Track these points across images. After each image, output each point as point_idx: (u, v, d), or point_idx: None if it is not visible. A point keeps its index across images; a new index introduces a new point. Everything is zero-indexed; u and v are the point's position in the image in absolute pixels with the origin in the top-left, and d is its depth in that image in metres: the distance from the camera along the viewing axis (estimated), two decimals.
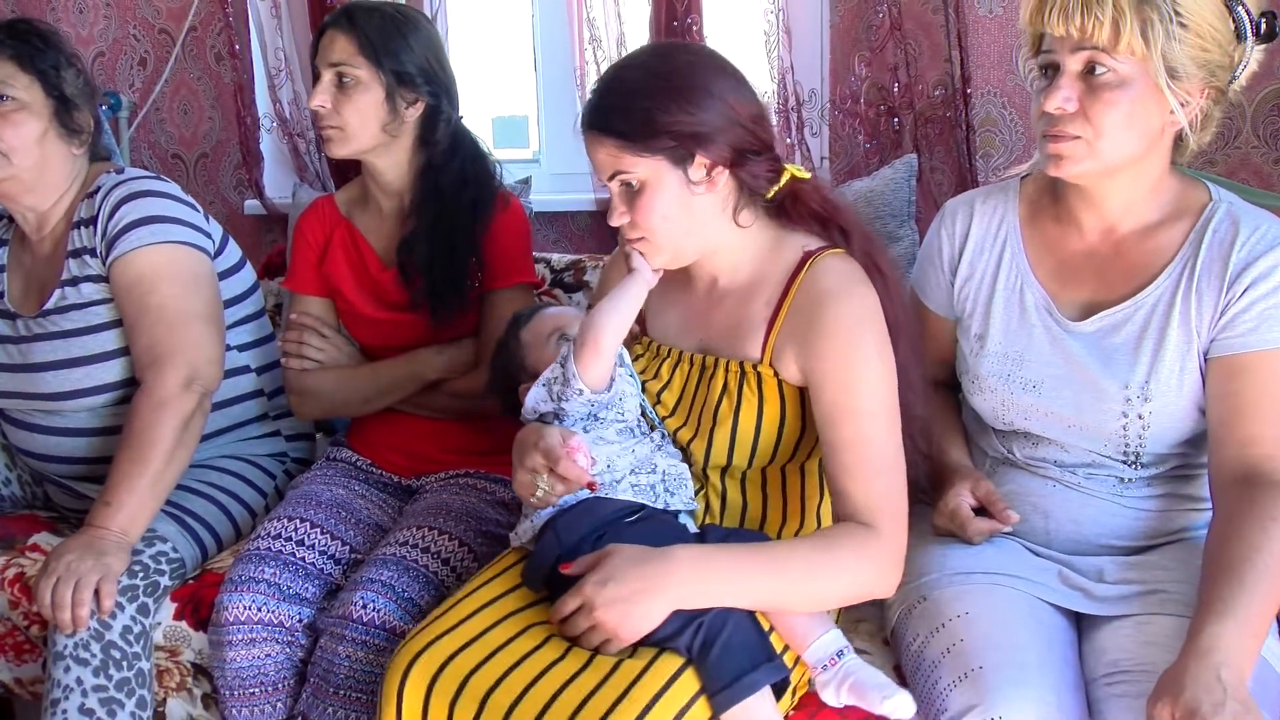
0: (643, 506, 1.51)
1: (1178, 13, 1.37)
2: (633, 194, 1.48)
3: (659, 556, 1.38)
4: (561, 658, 1.40)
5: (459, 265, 1.94)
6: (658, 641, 1.38)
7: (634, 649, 1.39)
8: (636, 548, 1.41)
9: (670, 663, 1.37)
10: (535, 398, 1.57)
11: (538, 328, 1.68)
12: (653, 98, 1.45)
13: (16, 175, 1.93)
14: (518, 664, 1.40)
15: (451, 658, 1.42)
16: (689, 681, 1.36)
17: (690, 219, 1.49)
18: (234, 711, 1.75)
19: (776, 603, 1.43)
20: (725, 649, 1.35)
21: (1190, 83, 1.42)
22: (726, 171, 1.49)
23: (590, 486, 1.48)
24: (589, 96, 1.53)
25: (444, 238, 1.94)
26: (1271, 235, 1.46)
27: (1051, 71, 1.46)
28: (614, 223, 1.52)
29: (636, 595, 1.36)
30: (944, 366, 1.74)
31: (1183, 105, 1.42)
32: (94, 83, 2.07)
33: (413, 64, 1.93)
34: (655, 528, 1.48)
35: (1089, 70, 1.42)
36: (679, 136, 1.45)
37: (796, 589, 1.41)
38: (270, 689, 1.75)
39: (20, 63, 1.91)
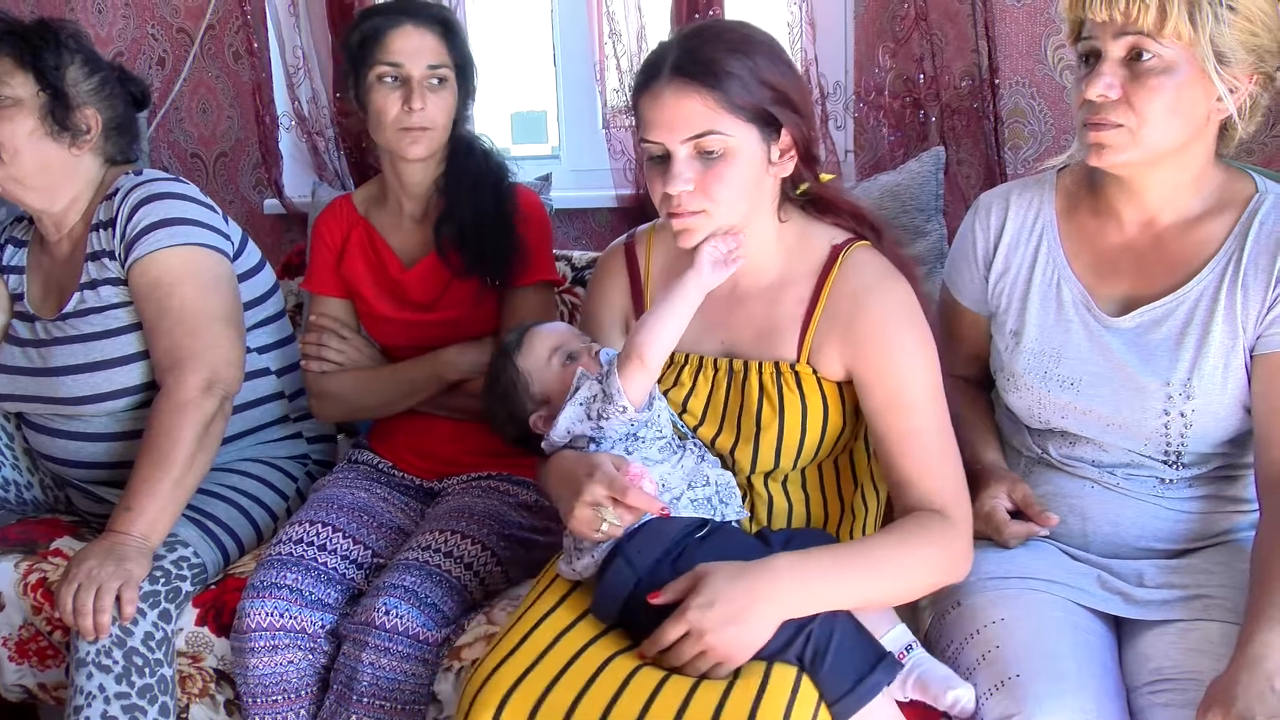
0: (705, 522, 1.46)
1: None
2: (708, 161, 1.39)
3: (758, 569, 1.34)
4: (665, 680, 1.32)
5: (498, 232, 1.94)
6: (767, 656, 1.34)
7: (739, 668, 1.34)
8: (732, 564, 1.35)
9: (785, 675, 1.32)
10: (571, 418, 1.49)
11: (536, 351, 1.59)
12: (755, 59, 1.39)
13: (11, 173, 1.92)
14: (622, 689, 1.31)
15: (550, 688, 1.33)
16: (809, 692, 1.31)
17: (756, 200, 1.45)
18: (257, 719, 1.73)
19: (871, 599, 1.40)
20: (839, 655, 1.33)
21: (1239, 68, 1.37)
22: (795, 157, 1.45)
23: (662, 513, 1.41)
24: (668, 50, 1.41)
25: (480, 209, 1.95)
26: None
27: (1092, 59, 1.41)
28: (675, 189, 1.39)
29: (744, 613, 1.31)
30: (977, 364, 1.70)
31: (1231, 92, 1.38)
32: (125, 87, 2.04)
33: (469, 60, 1.98)
34: (726, 541, 1.44)
35: (1133, 56, 1.37)
36: (780, 104, 1.39)
37: (886, 585, 1.40)
38: (293, 696, 1.73)
39: (18, 60, 1.90)
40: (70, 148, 1.94)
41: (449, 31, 1.94)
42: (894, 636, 1.42)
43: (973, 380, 1.72)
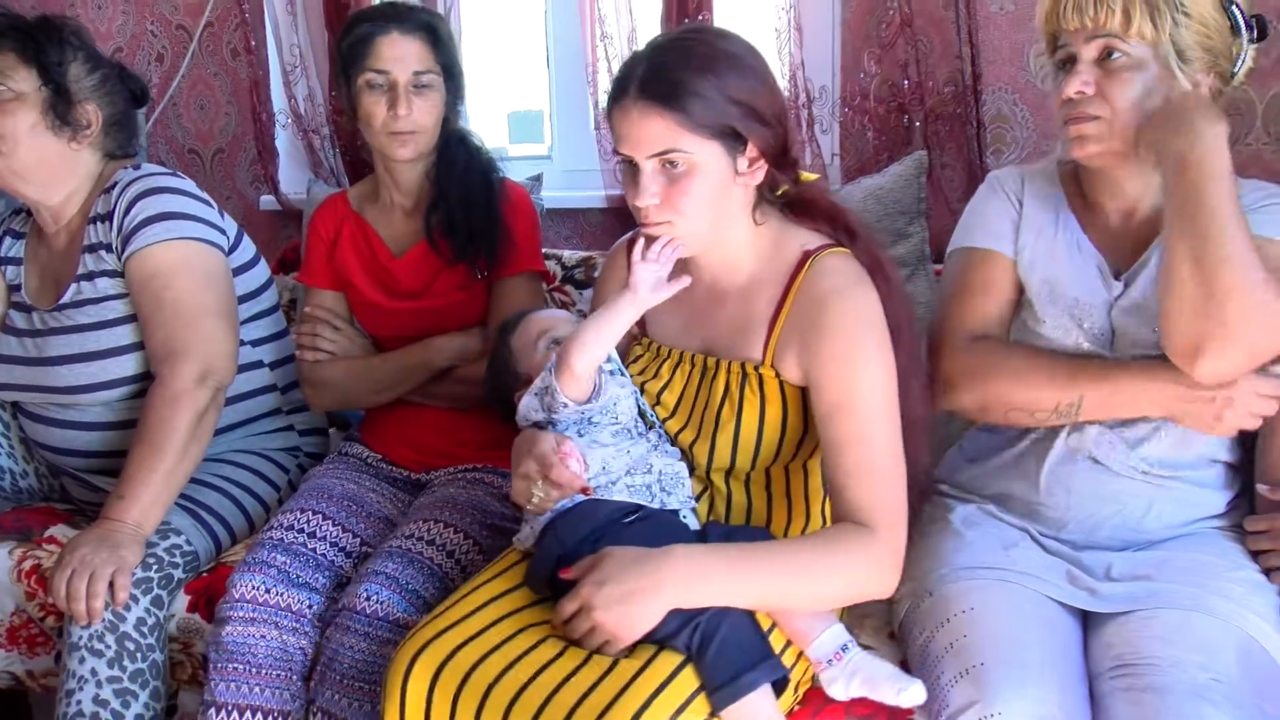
0: (640, 507, 1.52)
1: (1182, 2, 1.47)
2: (673, 175, 1.43)
3: (655, 557, 1.39)
4: (560, 655, 1.41)
5: (486, 220, 1.99)
6: (656, 640, 1.39)
7: (632, 648, 1.40)
8: (633, 549, 1.41)
9: (669, 660, 1.38)
10: (527, 406, 1.58)
11: (525, 333, 1.69)
12: (722, 76, 1.41)
13: (10, 165, 1.95)
14: (519, 659, 1.41)
15: (455, 652, 1.43)
16: (688, 679, 1.36)
17: (723, 209, 1.48)
18: (213, 685, 1.75)
19: (772, 602, 1.44)
20: (722, 647, 1.36)
21: (1198, 65, 1.50)
22: (765, 165, 1.48)
23: (584, 491, 1.48)
24: (637, 65, 1.44)
25: (469, 197, 1.99)
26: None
27: (1069, 65, 1.53)
28: (642, 202, 1.44)
29: (633, 596, 1.36)
30: (1003, 327, 1.69)
31: (1194, 87, 1.50)
32: (125, 84, 2.08)
33: (458, 66, 2.02)
34: (653, 527, 1.49)
35: (1105, 56, 1.50)
36: (746, 119, 1.42)
37: (792, 589, 1.42)
38: (252, 670, 1.74)
39: (21, 55, 1.94)
40: (70, 142, 1.98)
41: (435, 37, 1.98)
42: (829, 637, 1.44)
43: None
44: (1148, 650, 1.36)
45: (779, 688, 1.40)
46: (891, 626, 1.62)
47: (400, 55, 1.94)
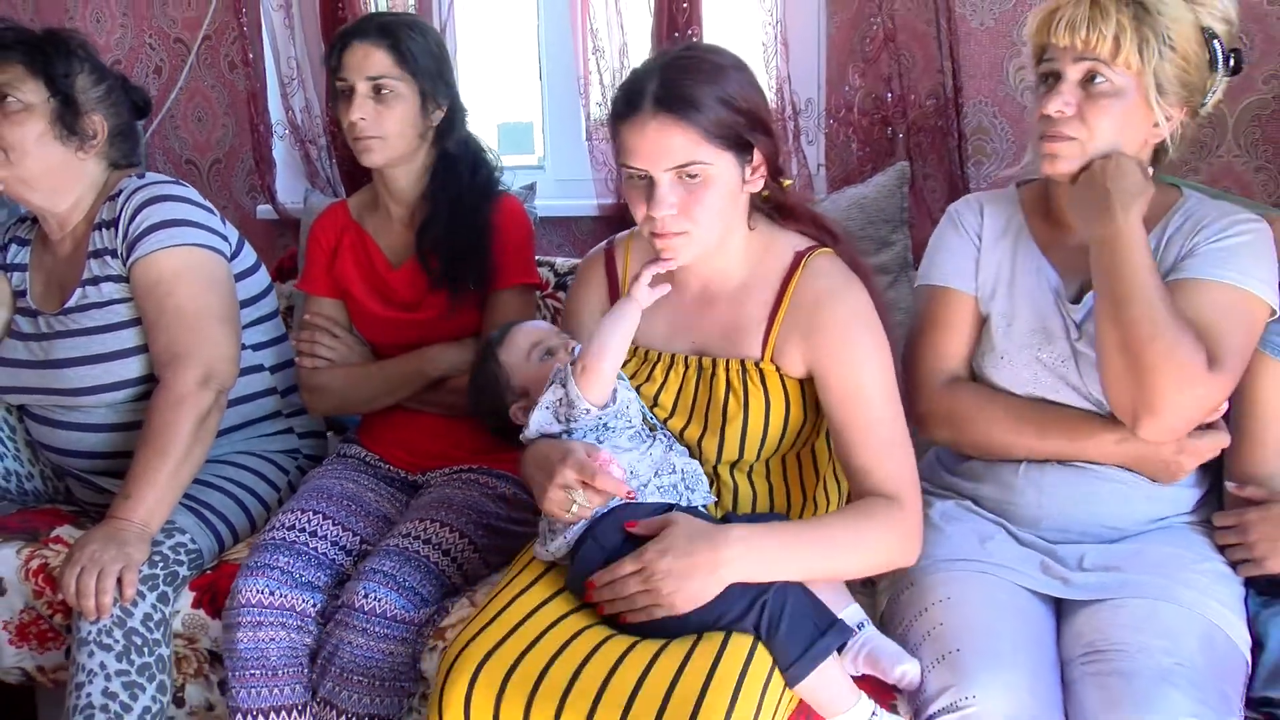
0: (671, 506, 1.55)
1: (1169, 35, 1.52)
2: (691, 186, 1.48)
3: (717, 533, 1.44)
4: (632, 648, 1.42)
5: (475, 243, 2.02)
6: (724, 625, 1.44)
7: (699, 635, 1.43)
8: (697, 522, 1.47)
9: (742, 642, 1.42)
10: (541, 421, 1.59)
11: (516, 346, 1.71)
12: (729, 87, 1.47)
13: (18, 174, 2.00)
14: (591, 656, 1.42)
15: (521, 658, 1.42)
16: (763, 658, 1.42)
17: (732, 216, 1.56)
18: (235, 692, 1.81)
19: (819, 573, 1.49)
20: (792, 623, 1.42)
21: (1173, 99, 1.56)
22: (765, 172, 1.55)
23: (629, 496, 1.51)
24: (647, 80, 1.48)
25: (458, 220, 2.03)
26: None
27: (1052, 79, 1.58)
28: (660, 214, 1.48)
29: (694, 569, 1.41)
30: (969, 364, 1.76)
31: (1166, 120, 1.55)
32: (128, 95, 2.14)
33: (437, 72, 2.03)
34: None
35: (1088, 79, 1.54)
36: (752, 128, 1.49)
37: (838, 560, 1.50)
38: (270, 674, 1.80)
39: (29, 67, 1.99)
40: (77, 151, 2.04)
41: (396, 45, 1.99)
42: (847, 616, 1.51)
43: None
44: (1116, 637, 1.43)
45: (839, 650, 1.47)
46: (876, 619, 1.68)
47: (357, 62, 1.98)
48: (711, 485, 1.65)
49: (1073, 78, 1.55)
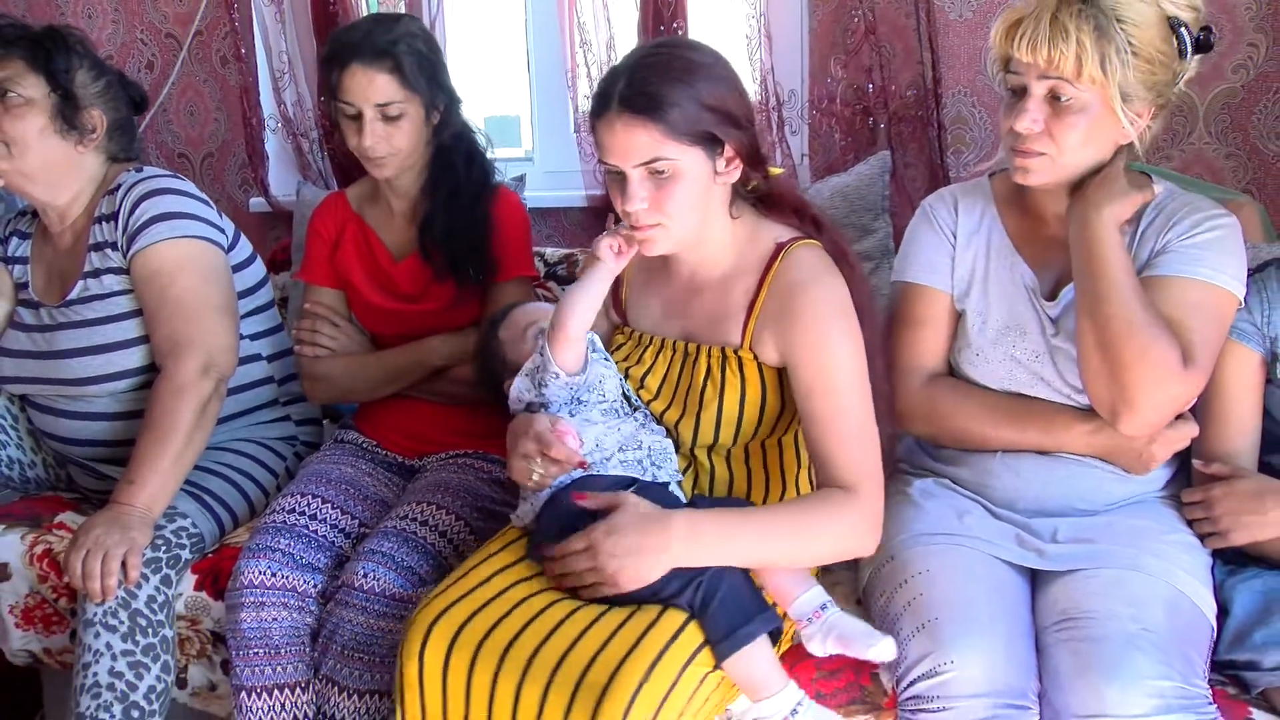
0: (634, 480, 1.63)
1: (1131, 44, 1.53)
2: (660, 181, 1.53)
3: (663, 517, 1.50)
4: (572, 614, 1.51)
5: (476, 237, 2.06)
6: (662, 600, 1.50)
7: (638, 606, 1.50)
8: (645, 504, 1.53)
9: (675, 618, 1.49)
10: (519, 388, 1.69)
11: (513, 325, 1.81)
12: (696, 85, 1.50)
13: (19, 167, 2.04)
14: (531, 621, 1.50)
15: (470, 619, 1.52)
16: (693, 634, 1.49)
17: (706, 209, 1.59)
18: (239, 670, 1.86)
19: (764, 560, 1.55)
20: (723, 604, 1.48)
21: (1140, 103, 1.58)
22: (740, 164, 1.59)
23: (581, 465, 1.59)
24: (616, 80, 1.52)
25: (457, 215, 2.07)
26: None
27: (1019, 92, 1.60)
28: (632, 208, 1.54)
29: (638, 551, 1.48)
30: (946, 359, 1.81)
31: (1133, 124, 1.58)
32: (126, 90, 2.18)
33: (434, 79, 2.06)
34: (649, 498, 1.58)
35: (1053, 96, 1.57)
36: (722, 123, 1.52)
37: (782, 548, 1.53)
38: (273, 652, 1.85)
39: (30, 63, 2.03)
40: (77, 145, 2.08)
41: (398, 67, 1.99)
42: (809, 597, 1.56)
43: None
44: (1087, 605, 1.49)
45: (774, 638, 1.53)
46: (858, 593, 1.74)
47: (363, 89, 1.98)
48: (689, 468, 1.70)
49: (1038, 94, 1.57)
